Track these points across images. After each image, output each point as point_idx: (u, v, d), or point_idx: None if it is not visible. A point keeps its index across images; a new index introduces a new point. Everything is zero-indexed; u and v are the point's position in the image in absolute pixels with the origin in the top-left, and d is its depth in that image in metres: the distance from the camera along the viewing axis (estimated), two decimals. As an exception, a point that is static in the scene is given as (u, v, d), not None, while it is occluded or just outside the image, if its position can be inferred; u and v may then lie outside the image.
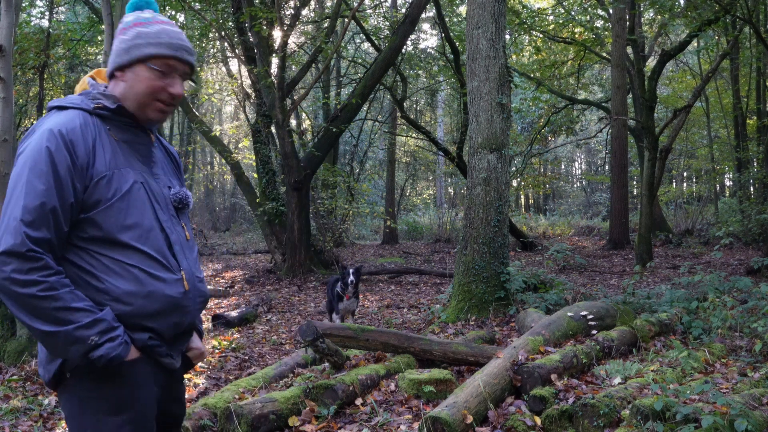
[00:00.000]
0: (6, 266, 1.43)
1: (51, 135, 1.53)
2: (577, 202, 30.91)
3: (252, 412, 3.28)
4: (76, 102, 1.64)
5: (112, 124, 1.66)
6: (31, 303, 1.44)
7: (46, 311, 1.45)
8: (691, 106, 11.50)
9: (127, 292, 1.56)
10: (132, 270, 1.57)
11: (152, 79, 1.64)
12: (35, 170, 1.50)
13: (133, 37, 1.65)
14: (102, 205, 1.56)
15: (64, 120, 1.58)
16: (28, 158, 1.52)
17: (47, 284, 1.45)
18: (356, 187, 17.09)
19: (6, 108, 5.82)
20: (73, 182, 1.53)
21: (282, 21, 10.08)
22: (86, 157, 1.55)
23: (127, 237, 1.58)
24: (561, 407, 3.23)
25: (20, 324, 4.74)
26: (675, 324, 5.22)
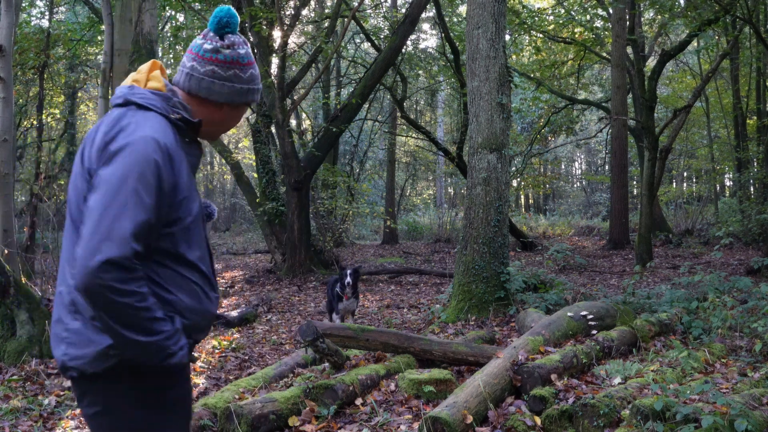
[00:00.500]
0: (107, 274, 1.42)
1: (157, 146, 1.52)
2: (577, 202, 30.92)
3: (252, 412, 3.28)
4: (157, 105, 1.62)
5: (184, 136, 1.67)
6: (127, 312, 1.46)
7: (138, 321, 1.48)
8: (691, 106, 11.50)
9: (189, 308, 1.63)
10: (195, 287, 1.64)
11: (232, 117, 1.76)
12: (143, 181, 1.49)
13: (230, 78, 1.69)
14: (180, 223, 1.60)
15: (160, 129, 1.57)
16: (134, 164, 1.49)
17: (141, 295, 1.48)
18: (356, 187, 17.09)
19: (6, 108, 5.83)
20: (167, 198, 1.55)
21: (282, 21, 10.08)
22: (177, 175, 1.57)
23: (194, 257, 1.64)
24: (561, 407, 3.23)
25: (20, 324, 4.74)
26: (675, 324, 5.22)
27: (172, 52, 16.42)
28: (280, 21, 9.95)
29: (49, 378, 4.40)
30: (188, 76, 1.69)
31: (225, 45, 1.69)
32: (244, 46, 1.72)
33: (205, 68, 1.68)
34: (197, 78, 1.68)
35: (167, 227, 1.57)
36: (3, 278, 4.68)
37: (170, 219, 1.57)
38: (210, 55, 1.68)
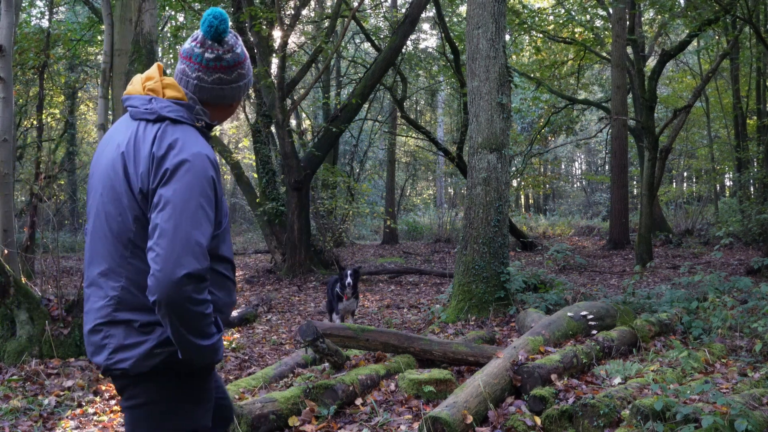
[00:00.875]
0: (188, 287, 1.52)
1: (210, 163, 1.64)
2: (577, 202, 30.91)
3: (252, 412, 3.28)
4: (185, 117, 1.71)
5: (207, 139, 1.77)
6: (198, 320, 1.57)
7: (204, 327, 1.60)
8: (691, 106, 11.50)
9: (225, 303, 1.76)
10: (228, 283, 1.77)
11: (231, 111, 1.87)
12: (205, 197, 1.61)
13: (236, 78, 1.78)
14: (222, 226, 1.73)
15: (204, 144, 1.68)
16: (195, 182, 1.59)
17: (209, 304, 1.60)
18: (356, 187, 17.09)
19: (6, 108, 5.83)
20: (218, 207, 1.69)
21: (282, 21, 10.08)
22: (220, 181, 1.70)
23: (228, 253, 1.78)
24: (561, 407, 3.23)
25: (20, 324, 4.74)
26: (675, 324, 5.22)
27: (171, 52, 16.41)
28: (280, 21, 9.95)
29: (49, 378, 4.40)
30: (197, 87, 1.75)
31: (225, 50, 1.74)
32: (238, 43, 1.78)
33: (212, 77, 1.74)
34: (207, 88, 1.75)
35: (215, 231, 1.69)
36: (3, 278, 4.67)
37: (216, 222, 1.69)
38: (214, 64, 1.73)
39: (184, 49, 1.76)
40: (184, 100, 1.73)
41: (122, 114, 1.93)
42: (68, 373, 4.52)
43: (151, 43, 6.10)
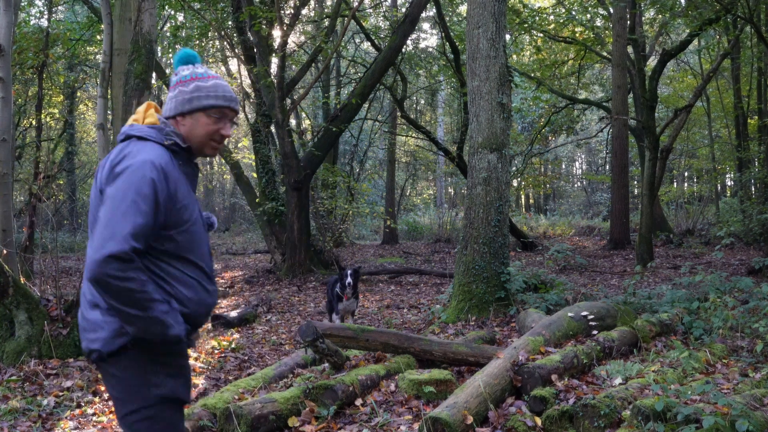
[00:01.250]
0: (109, 266, 1.78)
1: (153, 167, 1.88)
2: (578, 202, 30.90)
3: (252, 412, 3.27)
4: (153, 136, 1.99)
5: (178, 158, 2.03)
6: (127, 295, 1.80)
7: (138, 301, 1.82)
8: (692, 106, 11.48)
9: (188, 298, 1.97)
10: (194, 282, 1.99)
11: (209, 125, 2.05)
12: (140, 194, 1.85)
13: (193, 90, 2.04)
14: (180, 227, 1.95)
15: (158, 154, 1.94)
16: (133, 182, 1.86)
17: (140, 281, 1.82)
18: (356, 187, 17.08)
19: (5, 108, 5.82)
20: (165, 208, 1.90)
21: (282, 20, 10.06)
22: (174, 188, 1.93)
23: (194, 256, 2.00)
24: (561, 408, 3.22)
25: (19, 324, 4.74)
26: (676, 324, 5.20)
27: (171, 52, 16.40)
28: (279, 20, 9.94)
29: (48, 378, 4.39)
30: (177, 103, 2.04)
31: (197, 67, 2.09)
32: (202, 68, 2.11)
33: (174, 92, 2.05)
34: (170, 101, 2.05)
35: (168, 230, 1.92)
36: (2, 278, 4.66)
37: (170, 223, 1.92)
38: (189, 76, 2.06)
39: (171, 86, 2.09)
40: (156, 124, 2.03)
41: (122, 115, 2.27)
42: (67, 373, 4.50)
43: (151, 42, 6.08)
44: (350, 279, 6.07)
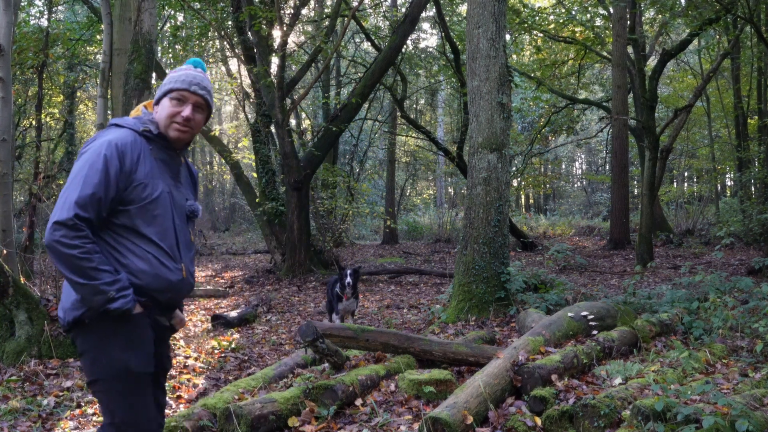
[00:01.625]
0: (57, 232, 1.96)
1: (109, 145, 2.08)
2: (578, 202, 30.90)
3: (251, 412, 3.27)
4: (130, 123, 2.21)
5: (154, 144, 2.21)
6: (72, 261, 1.97)
7: (82, 269, 1.97)
8: (692, 106, 11.48)
9: (141, 270, 2.10)
10: (148, 255, 2.12)
11: (170, 107, 2.22)
12: (93, 168, 2.03)
13: (165, 80, 2.27)
14: (137, 203, 2.10)
15: (120, 135, 2.13)
16: (89, 158, 2.06)
17: (85, 249, 1.98)
18: (356, 187, 17.07)
19: (5, 107, 5.81)
20: (118, 182, 2.05)
21: (282, 20, 10.06)
22: (131, 165, 2.09)
23: (149, 231, 2.12)
24: (561, 408, 3.22)
25: (19, 324, 4.73)
26: (676, 324, 5.20)
27: (171, 52, 16.39)
28: (279, 20, 9.93)
29: (48, 378, 4.39)
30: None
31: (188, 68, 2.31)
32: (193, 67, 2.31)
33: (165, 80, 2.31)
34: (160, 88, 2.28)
35: (125, 206, 2.09)
36: (2, 278, 4.66)
37: (127, 199, 2.08)
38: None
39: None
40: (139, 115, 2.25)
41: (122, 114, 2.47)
42: (67, 373, 4.50)
43: (150, 42, 6.08)
44: (350, 279, 6.07)
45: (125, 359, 2.06)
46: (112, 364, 2.05)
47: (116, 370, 2.05)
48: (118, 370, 2.05)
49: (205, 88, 2.26)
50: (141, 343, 2.11)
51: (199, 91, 2.23)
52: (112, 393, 2.06)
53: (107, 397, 2.08)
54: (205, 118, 2.30)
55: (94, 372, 2.08)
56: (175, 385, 4.46)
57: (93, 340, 2.07)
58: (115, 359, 2.05)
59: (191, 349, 5.72)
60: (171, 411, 3.91)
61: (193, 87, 2.22)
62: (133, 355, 2.07)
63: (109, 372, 2.05)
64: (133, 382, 2.08)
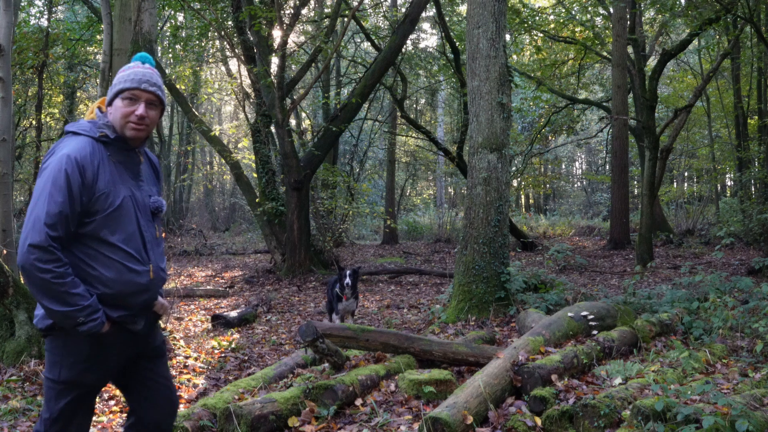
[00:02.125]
0: (32, 255, 2.01)
1: (69, 160, 2.08)
2: (578, 202, 30.89)
3: (251, 412, 3.27)
4: (86, 129, 2.20)
5: (111, 149, 2.21)
6: (45, 285, 2.02)
7: (54, 292, 2.03)
8: (692, 106, 11.48)
9: (110, 279, 2.15)
10: (115, 263, 2.16)
11: (123, 107, 2.22)
12: (56, 186, 2.05)
13: (114, 81, 2.26)
14: (100, 213, 2.12)
15: (77, 147, 2.12)
16: (50, 176, 2.07)
17: (57, 273, 2.02)
18: (356, 187, 17.07)
19: (5, 107, 5.81)
20: (81, 196, 2.08)
21: (282, 20, 10.06)
22: (92, 177, 2.11)
23: (115, 239, 2.16)
24: (561, 408, 3.21)
25: (19, 324, 4.73)
26: (676, 324, 5.20)
27: (171, 52, 16.39)
28: (279, 20, 9.93)
29: (48, 378, 4.39)
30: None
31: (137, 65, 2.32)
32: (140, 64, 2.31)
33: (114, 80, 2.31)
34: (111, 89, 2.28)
35: (90, 217, 2.11)
36: (2, 278, 4.66)
37: (91, 210, 2.11)
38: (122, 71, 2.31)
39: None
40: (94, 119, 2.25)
41: None
42: (67, 373, 4.50)
43: (150, 42, 6.08)
44: (349, 279, 6.07)
45: (79, 370, 2.16)
46: (64, 372, 2.15)
47: (67, 377, 2.15)
48: (68, 378, 2.15)
49: (155, 84, 2.26)
50: (100, 359, 2.19)
51: (149, 88, 2.23)
52: (54, 393, 2.17)
53: (49, 394, 2.19)
54: (159, 114, 2.30)
55: (49, 370, 2.19)
56: (176, 385, 4.46)
57: (57, 346, 2.17)
58: (68, 368, 2.15)
59: (191, 349, 5.72)
60: (171, 411, 3.91)
61: (144, 84, 2.22)
62: (88, 369, 2.17)
63: (60, 376, 2.15)
64: (77, 391, 2.18)
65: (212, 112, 29.17)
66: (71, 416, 2.20)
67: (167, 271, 2.49)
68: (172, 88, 13.15)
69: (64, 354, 2.16)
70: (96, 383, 2.23)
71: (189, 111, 13.40)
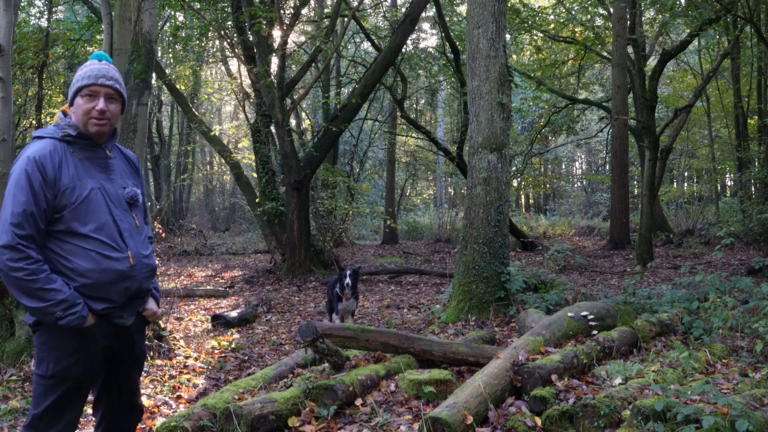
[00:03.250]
0: (3, 256, 2.09)
1: (28, 161, 2.18)
2: (578, 202, 30.90)
3: (251, 412, 3.27)
4: (50, 132, 2.29)
5: (75, 147, 2.29)
6: (19, 283, 2.10)
7: (29, 289, 2.11)
8: (692, 106, 11.48)
9: (88, 269, 2.20)
10: (90, 253, 2.21)
11: (83, 104, 2.28)
12: (18, 186, 2.15)
13: (73, 80, 2.33)
14: (69, 208, 2.19)
15: (38, 148, 2.22)
16: (14, 178, 2.17)
17: (29, 270, 2.10)
18: (356, 187, 17.07)
19: (5, 107, 5.81)
20: (45, 193, 2.15)
21: (281, 20, 10.06)
22: (53, 174, 2.18)
23: (86, 229, 2.21)
24: (561, 408, 3.21)
25: (19, 324, 4.74)
26: (676, 324, 5.20)
27: (171, 52, 16.39)
28: (279, 20, 9.93)
29: (48, 378, 4.39)
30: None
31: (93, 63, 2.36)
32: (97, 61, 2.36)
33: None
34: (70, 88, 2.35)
35: (59, 212, 2.18)
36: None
37: (59, 206, 2.18)
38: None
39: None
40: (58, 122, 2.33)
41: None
42: (67, 373, 4.50)
43: (150, 42, 6.08)
44: (349, 279, 6.07)
45: (66, 365, 2.21)
46: (51, 366, 2.20)
47: (53, 371, 2.20)
48: (54, 373, 2.20)
49: (112, 78, 2.31)
50: (84, 352, 2.23)
51: (107, 83, 2.28)
52: (43, 388, 2.22)
53: (38, 390, 2.23)
54: (120, 108, 2.35)
55: (38, 366, 2.24)
56: (175, 385, 4.46)
57: (44, 341, 2.23)
58: (54, 362, 2.20)
59: (191, 349, 5.72)
60: (171, 411, 3.91)
61: (101, 80, 2.27)
62: (73, 363, 2.21)
63: (47, 371, 2.21)
64: (63, 385, 2.22)
65: (212, 112, 29.17)
66: (60, 412, 2.23)
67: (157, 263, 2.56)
68: (172, 88, 13.15)
69: (50, 349, 2.21)
70: (83, 377, 2.26)
71: (189, 111, 13.40)
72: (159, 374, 4.73)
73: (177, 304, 8.37)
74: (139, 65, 5.90)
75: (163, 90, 19.83)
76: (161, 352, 5.26)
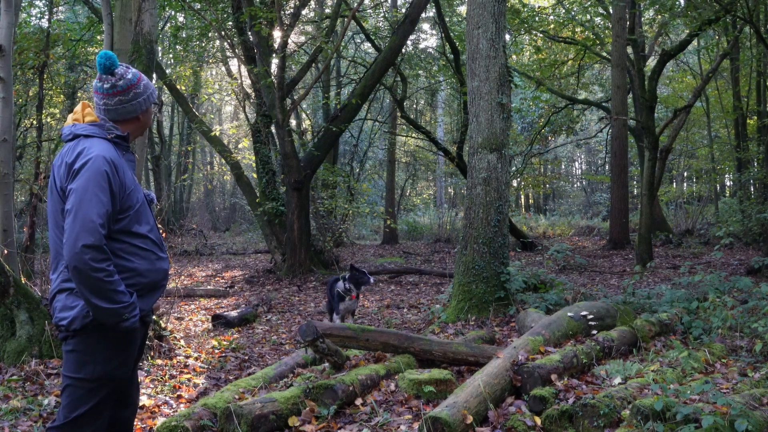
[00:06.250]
0: (86, 255, 2.08)
1: (105, 161, 2.20)
2: (578, 202, 30.90)
3: (252, 412, 3.28)
4: (97, 132, 2.31)
5: (120, 149, 2.35)
6: (97, 284, 2.11)
7: (105, 291, 2.13)
8: (692, 106, 11.49)
9: (146, 269, 2.30)
10: (147, 253, 2.32)
11: (152, 113, 2.49)
12: (99, 186, 2.16)
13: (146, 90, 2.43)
14: (132, 209, 2.28)
15: (105, 148, 2.25)
16: (91, 177, 2.16)
17: (109, 272, 2.13)
18: (356, 187, 17.08)
19: (6, 108, 5.82)
20: (120, 195, 2.23)
21: (282, 21, 10.07)
22: (122, 177, 2.26)
23: (144, 230, 2.32)
24: (561, 407, 3.22)
25: (20, 324, 4.74)
26: (675, 324, 5.21)
27: (171, 52, 16.39)
28: (279, 21, 9.94)
29: (49, 378, 4.40)
30: (106, 111, 2.37)
31: (117, 79, 2.36)
32: (129, 71, 2.40)
33: (114, 100, 2.36)
34: (113, 110, 2.37)
35: (122, 214, 2.25)
36: (3, 278, 4.67)
37: (123, 207, 2.25)
38: (111, 90, 2.35)
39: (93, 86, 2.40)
40: (96, 121, 2.34)
41: None
42: (68, 373, 4.50)
43: (151, 42, 6.09)
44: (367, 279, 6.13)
45: (111, 366, 2.25)
46: (98, 368, 2.23)
47: (99, 374, 2.23)
48: (101, 374, 2.23)
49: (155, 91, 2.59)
50: (129, 352, 2.32)
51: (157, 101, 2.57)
52: (84, 391, 2.23)
53: (77, 394, 2.23)
54: None
55: (79, 370, 2.23)
56: (176, 385, 4.47)
57: (90, 344, 2.23)
58: (102, 364, 2.23)
59: (192, 348, 5.73)
60: (171, 410, 3.92)
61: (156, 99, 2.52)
62: (118, 363, 2.27)
63: (93, 374, 2.22)
64: (107, 386, 2.27)
65: (212, 113, 29.17)
66: (100, 412, 2.27)
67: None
68: (172, 88, 13.16)
69: (98, 350, 2.23)
70: (125, 377, 2.34)
71: (189, 111, 13.41)
72: (159, 374, 4.74)
73: (177, 304, 8.39)
74: (140, 65, 5.91)
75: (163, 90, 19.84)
76: (162, 352, 5.27)
